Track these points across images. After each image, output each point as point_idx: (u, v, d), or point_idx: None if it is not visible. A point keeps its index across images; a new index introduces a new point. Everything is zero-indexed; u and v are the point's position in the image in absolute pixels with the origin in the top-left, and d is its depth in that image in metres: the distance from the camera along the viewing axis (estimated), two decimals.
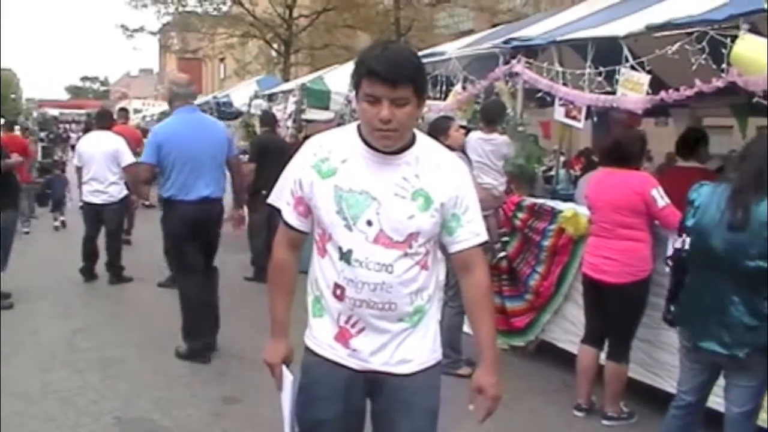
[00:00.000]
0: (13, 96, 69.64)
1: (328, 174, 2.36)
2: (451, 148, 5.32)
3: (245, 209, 6.30)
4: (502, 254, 5.79)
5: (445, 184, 2.37)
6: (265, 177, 8.47)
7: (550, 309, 5.64)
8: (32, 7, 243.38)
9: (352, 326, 2.41)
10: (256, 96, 15.03)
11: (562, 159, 11.87)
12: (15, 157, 7.71)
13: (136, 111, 34.83)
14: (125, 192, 8.40)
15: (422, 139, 2.43)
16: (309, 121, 14.63)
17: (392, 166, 2.33)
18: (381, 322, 2.39)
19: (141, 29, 22.26)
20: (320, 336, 2.47)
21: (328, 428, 2.50)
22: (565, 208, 5.51)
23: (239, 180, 6.11)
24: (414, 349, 2.44)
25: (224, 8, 23.97)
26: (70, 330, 6.48)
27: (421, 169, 2.35)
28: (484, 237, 2.45)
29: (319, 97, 12.24)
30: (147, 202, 15.52)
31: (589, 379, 4.75)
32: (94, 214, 8.38)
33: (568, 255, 5.41)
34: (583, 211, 5.12)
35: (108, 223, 8.34)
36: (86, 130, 10.00)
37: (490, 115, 5.57)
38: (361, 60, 2.28)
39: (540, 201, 5.88)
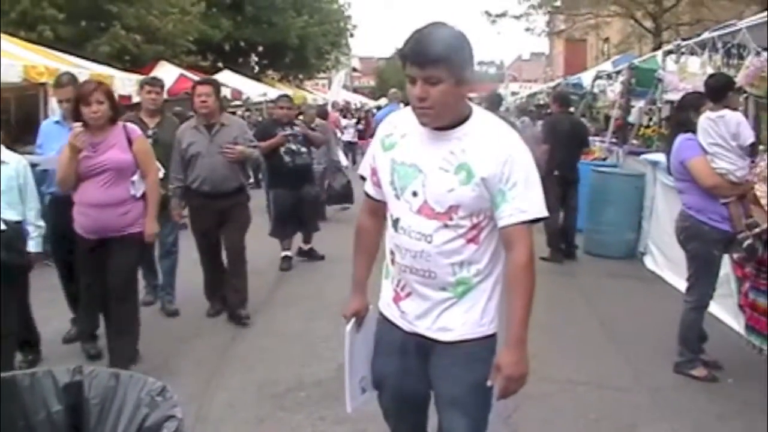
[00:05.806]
0: None
1: (389, 147, 2.59)
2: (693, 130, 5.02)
3: None
4: (748, 242, 5.20)
5: (490, 159, 2.39)
6: (556, 157, 8.56)
7: None
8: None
9: (402, 289, 2.65)
10: (597, 76, 14.84)
11: None
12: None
13: (513, 93, 36.22)
14: None
15: (478, 115, 2.49)
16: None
17: (443, 141, 2.45)
18: (424, 288, 2.57)
19: (504, 14, 23.05)
20: (384, 296, 2.76)
21: (391, 382, 2.76)
22: None
23: None
24: (456, 319, 2.55)
25: None
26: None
27: (468, 143, 2.42)
28: (532, 214, 2.42)
29: (649, 77, 11.55)
30: None
31: None
32: None
33: None
34: None
35: None
36: None
37: (715, 91, 4.93)
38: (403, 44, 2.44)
39: None
